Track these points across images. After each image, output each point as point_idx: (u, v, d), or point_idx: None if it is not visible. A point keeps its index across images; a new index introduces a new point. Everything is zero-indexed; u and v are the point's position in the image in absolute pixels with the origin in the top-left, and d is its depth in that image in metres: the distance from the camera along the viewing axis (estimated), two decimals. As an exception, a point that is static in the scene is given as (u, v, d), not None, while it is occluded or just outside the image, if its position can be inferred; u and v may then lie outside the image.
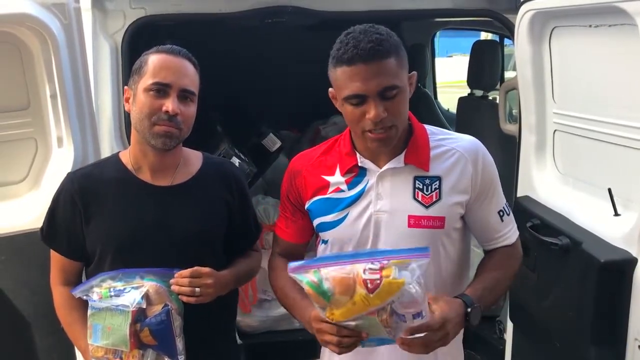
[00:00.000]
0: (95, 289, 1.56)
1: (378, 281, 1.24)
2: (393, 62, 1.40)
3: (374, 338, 1.34)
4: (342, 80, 1.42)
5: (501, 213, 1.58)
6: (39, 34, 1.97)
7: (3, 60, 2.01)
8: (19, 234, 2.00)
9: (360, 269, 1.26)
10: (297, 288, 1.50)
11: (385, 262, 1.27)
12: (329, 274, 1.27)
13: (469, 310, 1.39)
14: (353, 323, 1.30)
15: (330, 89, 1.51)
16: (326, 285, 1.26)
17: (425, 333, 1.30)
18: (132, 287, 1.52)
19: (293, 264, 1.32)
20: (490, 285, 1.50)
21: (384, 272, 1.25)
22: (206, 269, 1.57)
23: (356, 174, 1.54)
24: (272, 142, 3.66)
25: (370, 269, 1.26)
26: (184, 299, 1.54)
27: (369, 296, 1.24)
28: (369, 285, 1.24)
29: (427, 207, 1.49)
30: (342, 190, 1.55)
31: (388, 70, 1.39)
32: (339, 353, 1.36)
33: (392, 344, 1.35)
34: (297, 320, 1.56)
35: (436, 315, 1.32)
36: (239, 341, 2.73)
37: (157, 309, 1.52)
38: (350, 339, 1.32)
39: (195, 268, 1.55)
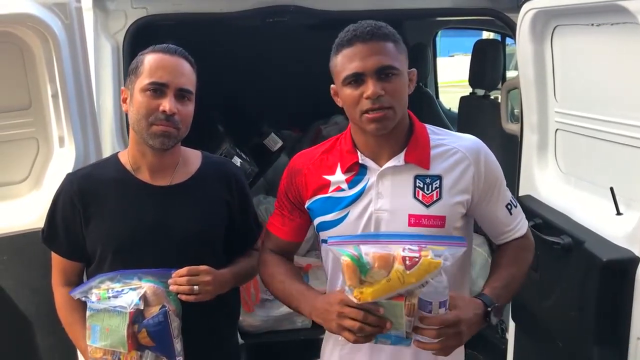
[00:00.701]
0: (94, 290, 1.56)
1: (417, 259, 1.27)
2: (391, 46, 1.43)
3: (391, 335, 1.34)
4: (342, 64, 1.44)
5: (509, 207, 1.58)
6: (40, 34, 1.97)
7: (4, 60, 2.02)
8: (20, 234, 2.01)
9: (399, 249, 1.30)
10: (299, 280, 1.56)
11: (424, 245, 1.31)
12: (369, 250, 1.30)
13: (489, 309, 1.39)
14: (381, 309, 1.30)
15: (332, 86, 1.52)
16: (366, 259, 1.29)
17: (438, 327, 1.30)
18: (130, 289, 1.52)
19: (333, 239, 1.40)
20: (507, 282, 1.51)
21: (423, 253, 1.29)
22: (204, 267, 1.57)
23: (356, 173, 1.53)
24: (274, 142, 3.66)
25: (410, 248, 1.30)
26: (183, 297, 1.54)
27: (405, 273, 1.26)
28: (407, 262, 1.27)
29: (427, 206, 1.48)
30: (343, 189, 1.54)
31: (386, 51, 1.42)
32: (354, 341, 1.35)
33: (406, 345, 1.35)
34: (299, 311, 1.53)
35: (452, 311, 1.33)
36: (240, 341, 2.72)
37: (154, 310, 1.52)
38: (372, 328, 1.31)
39: (192, 266, 1.55)
